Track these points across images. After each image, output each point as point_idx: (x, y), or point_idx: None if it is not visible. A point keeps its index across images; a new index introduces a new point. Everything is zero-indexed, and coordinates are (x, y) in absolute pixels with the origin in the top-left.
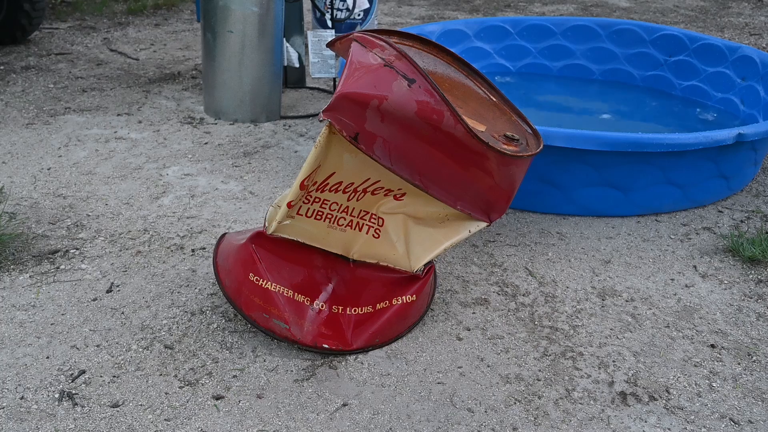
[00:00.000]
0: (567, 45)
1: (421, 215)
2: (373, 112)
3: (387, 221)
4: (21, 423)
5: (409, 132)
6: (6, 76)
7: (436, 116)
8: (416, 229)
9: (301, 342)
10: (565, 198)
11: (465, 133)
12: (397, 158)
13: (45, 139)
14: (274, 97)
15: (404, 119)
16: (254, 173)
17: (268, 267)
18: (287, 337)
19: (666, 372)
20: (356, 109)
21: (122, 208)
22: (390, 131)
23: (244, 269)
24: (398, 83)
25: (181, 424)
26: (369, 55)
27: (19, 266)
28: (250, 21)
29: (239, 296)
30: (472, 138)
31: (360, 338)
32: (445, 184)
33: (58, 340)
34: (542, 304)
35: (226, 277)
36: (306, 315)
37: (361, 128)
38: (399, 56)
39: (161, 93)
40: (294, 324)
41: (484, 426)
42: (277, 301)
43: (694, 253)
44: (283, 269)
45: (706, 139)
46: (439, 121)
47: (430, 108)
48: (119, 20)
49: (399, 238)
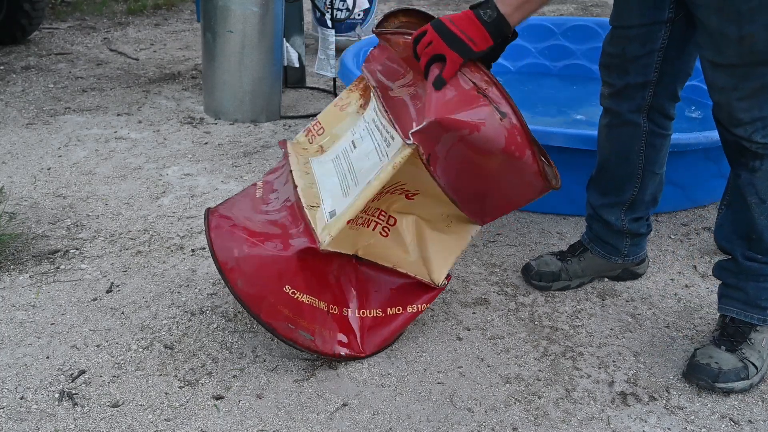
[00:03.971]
0: (567, 45)
1: (427, 216)
2: (454, 137)
3: (398, 221)
4: (21, 423)
5: (481, 158)
6: (6, 76)
7: (519, 154)
8: (433, 237)
9: (322, 352)
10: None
11: (536, 172)
12: (455, 178)
13: (45, 139)
14: (274, 97)
15: (485, 149)
16: (254, 173)
17: (306, 279)
18: (309, 347)
19: (666, 372)
20: (440, 133)
21: (122, 208)
22: (461, 154)
23: (279, 281)
24: (492, 115)
25: (181, 424)
26: (458, 75)
27: (19, 266)
28: (250, 21)
29: (261, 303)
30: (540, 177)
31: (371, 344)
32: (480, 203)
33: (58, 340)
34: (542, 304)
35: (242, 279)
36: (327, 324)
37: (433, 149)
38: (490, 82)
39: (161, 93)
40: (319, 335)
41: (484, 426)
42: (309, 312)
43: (694, 253)
44: (314, 279)
45: (706, 139)
46: (520, 158)
47: (516, 144)
48: (119, 20)
49: (412, 242)
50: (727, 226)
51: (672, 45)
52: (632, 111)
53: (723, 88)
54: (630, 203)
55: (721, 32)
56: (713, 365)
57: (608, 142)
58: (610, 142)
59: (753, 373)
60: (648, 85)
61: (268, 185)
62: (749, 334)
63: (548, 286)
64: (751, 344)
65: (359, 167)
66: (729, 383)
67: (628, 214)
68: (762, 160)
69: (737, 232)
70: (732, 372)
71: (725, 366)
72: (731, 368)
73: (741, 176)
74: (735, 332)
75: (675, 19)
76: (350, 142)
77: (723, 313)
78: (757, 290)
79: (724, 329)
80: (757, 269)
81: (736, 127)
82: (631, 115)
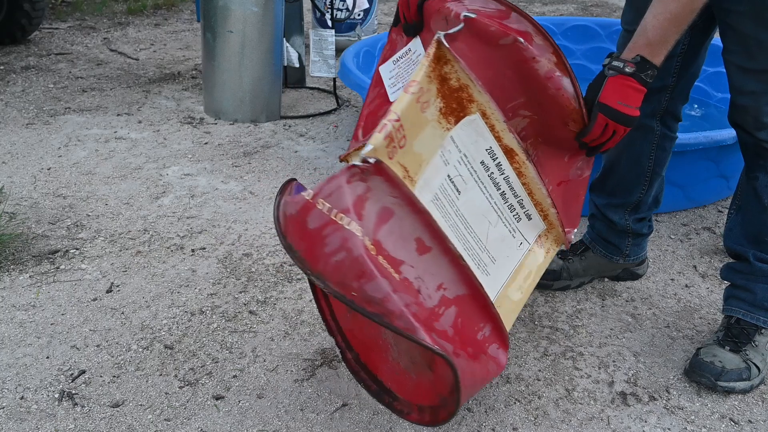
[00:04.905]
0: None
1: None
2: None
3: None
4: (21, 423)
5: None
6: (6, 76)
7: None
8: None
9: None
10: None
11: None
12: None
13: (45, 139)
14: (274, 97)
15: None
16: (254, 173)
17: None
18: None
19: (666, 372)
20: None
21: (122, 208)
22: None
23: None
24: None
25: (181, 424)
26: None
27: (19, 266)
28: (250, 21)
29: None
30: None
31: None
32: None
33: (58, 340)
34: (542, 304)
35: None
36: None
37: None
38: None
39: (161, 93)
40: None
41: (484, 426)
42: None
43: (694, 253)
44: None
45: (706, 139)
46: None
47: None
48: (119, 20)
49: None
50: (737, 229)
51: (690, 50)
52: (647, 115)
53: (753, 92)
54: (636, 204)
55: (757, 38)
56: (717, 363)
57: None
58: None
59: (755, 375)
60: (665, 90)
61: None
62: (754, 336)
63: (549, 284)
64: (755, 346)
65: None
66: (731, 383)
67: (632, 214)
68: None
69: (748, 235)
70: (735, 372)
71: (729, 365)
72: (734, 368)
73: (759, 178)
74: (740, 333)
75: (696, 24)
76: (445, 176)
77: (729, 314)
78: (766, 292)
79: (729, 330)
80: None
81: (759, 131)
82: (646, 119)
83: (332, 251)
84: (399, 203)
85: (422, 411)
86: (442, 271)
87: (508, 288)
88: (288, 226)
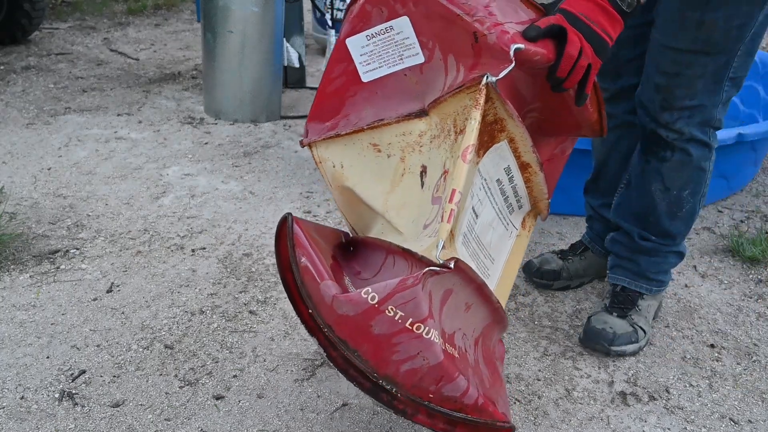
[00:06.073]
0: None
1: None
2: None
3: None
4: (21, 423)
5: None
6: (6, 76)
7: None
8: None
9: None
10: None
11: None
12: None
13: (45, 139)
14: (274, 97)
15: None
16: (254, 173)
17: None
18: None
19: (666, 372)
20: None
21: (122, 208)
22: None
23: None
24: None
25: (181, 424)
26: None
27: (19, 266)
28: (250, 21)
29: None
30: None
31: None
32: None
33: (58, 340)
34: (542, 304)
35: None
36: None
37: None
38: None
39: (161, 93)
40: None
41: None
42: None
43: (694, 253)
44: None
45: None
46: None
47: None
48: (119, 20)
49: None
50: (625, 205)
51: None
52: (626, 112)
53: (667, 72)
54: None
55: (682, 14)
56: (608, 330)
57: (606, 144)
58: (608, 144)
59: (641, 337)
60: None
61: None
62: (637, 301)
63: (549, 284)
64: (639, 310)
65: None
66: (622, 346)
67: None
68: (673, 150)
69: (635, 213)
70: (624, 336)
71: (619, 330)
72: (624, 332)
73: (650, 163)
74: (625, 299)
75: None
76: (471, 209)
77: (614, 282)
78: (648, 263)
79: (615, 297)
80: (650, 247)
81: (664, 112)
82: (626, 116)
83: (406, 358)
84: (463, 285)
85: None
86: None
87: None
88: (341, 324)
